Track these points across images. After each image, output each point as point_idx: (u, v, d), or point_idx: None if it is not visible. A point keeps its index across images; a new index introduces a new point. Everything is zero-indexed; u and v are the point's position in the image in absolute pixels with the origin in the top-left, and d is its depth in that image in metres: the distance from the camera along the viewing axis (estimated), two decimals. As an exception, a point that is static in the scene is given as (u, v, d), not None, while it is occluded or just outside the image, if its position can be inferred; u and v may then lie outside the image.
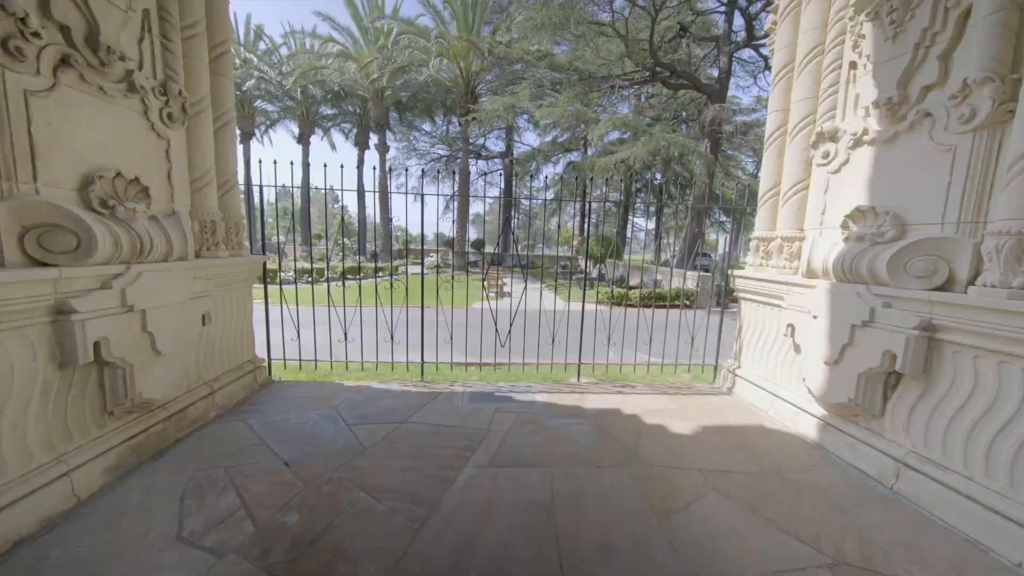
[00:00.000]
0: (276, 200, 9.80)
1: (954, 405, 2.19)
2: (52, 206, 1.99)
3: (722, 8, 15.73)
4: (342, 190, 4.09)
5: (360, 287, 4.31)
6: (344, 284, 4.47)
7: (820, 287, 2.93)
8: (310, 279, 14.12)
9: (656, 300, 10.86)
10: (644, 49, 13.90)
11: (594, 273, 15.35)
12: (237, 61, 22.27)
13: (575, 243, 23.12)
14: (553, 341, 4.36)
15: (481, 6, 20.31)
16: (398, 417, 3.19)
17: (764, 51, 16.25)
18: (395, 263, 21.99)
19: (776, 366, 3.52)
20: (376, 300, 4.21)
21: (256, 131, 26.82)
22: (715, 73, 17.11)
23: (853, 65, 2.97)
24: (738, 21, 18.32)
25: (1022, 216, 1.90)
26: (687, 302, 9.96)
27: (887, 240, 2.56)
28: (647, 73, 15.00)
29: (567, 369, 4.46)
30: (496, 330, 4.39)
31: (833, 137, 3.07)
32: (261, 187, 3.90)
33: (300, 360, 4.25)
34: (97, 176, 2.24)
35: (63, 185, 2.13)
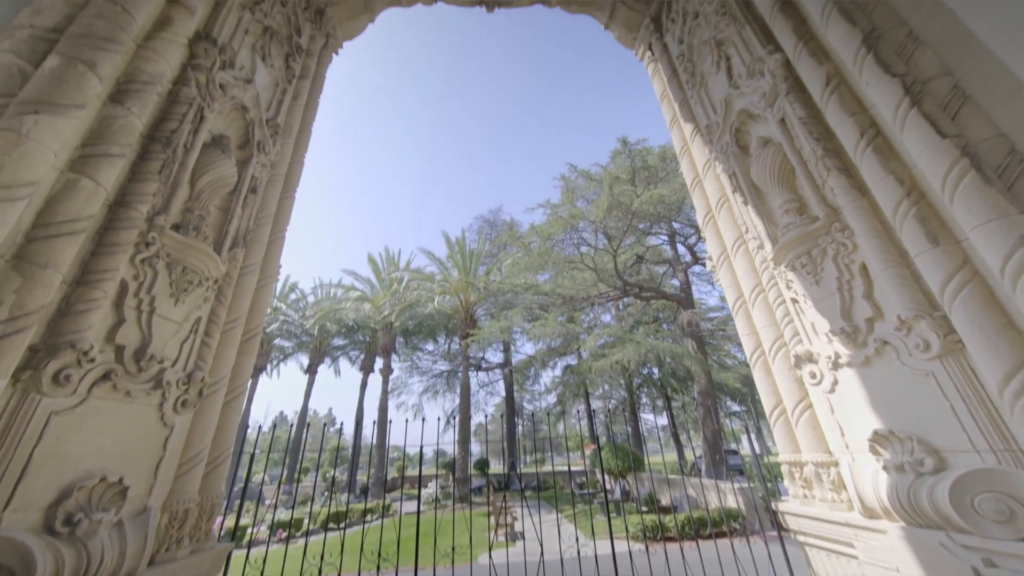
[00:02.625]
0: (273, 430, 9.42)
1: None
2: (3, 539, 1.79)
3: (666, 242, 20.03)
4: (340, 430, 3.93)
5: (343, 538, 3.53)
6: (325, 536, 3.67)
7: (892, 534, 2.45)
8: (285, 535, 11.89)
9: (698, 526, 9.04)
10: (613, 275, 16.80)
11: (616, 492, 13.35)
12: (267, 310, 25.97)
13: (588, 450, 21.17)
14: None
15: (477, 255, 25.65)
16: None
17: (710, 266, 19.71)
18: (388, 497, 19.20)
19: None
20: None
21: (268, 365, 28.52)
22: (677, 283, 20.16)
23: (794, 301, 3.48)
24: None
25: (1057, 448, 1.80)
26: (736, 526, 8.26)
27: (930, 471, 2.33)
28: (619, 291, 17.58)
29: None
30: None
31: (811, 359, 3.27)
32: (253, 455, 3.74)
33: None
34: (77, 488, 2.13)
35: (33, 506, 1.99)
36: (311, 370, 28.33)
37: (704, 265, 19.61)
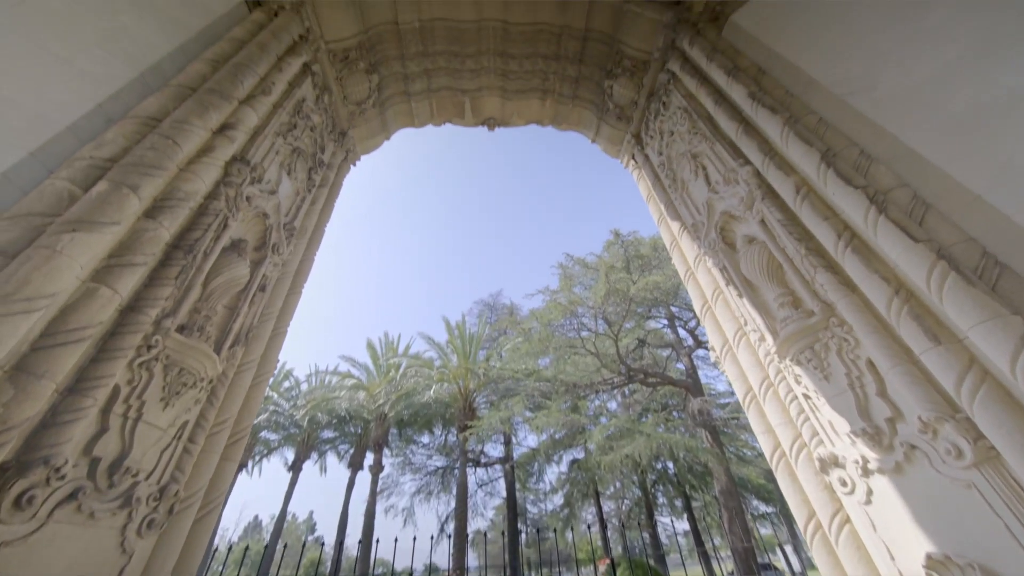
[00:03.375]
0: (245, 552, 8.22)
1: None
2: None
3: (666, 326, 20.07)
4: (321, 543, 3.42)
5: None
6: None
7: None
8: None
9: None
10: (615, 360, 16.49)
11: (639, 624, 11.18)
12: (259, 408, 24.89)
13: (601, 566, 18.37)
14: None
15: (477, 340, 25.46)
16: None
17: (714, 349, 19.40)
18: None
19: None
20: None
21: (250, 461, 26.27)
22: (682, 367, 19.64)
23: (807, 396, 3.35)
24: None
25: None
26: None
27: (1006, 610, 1.99)
28: (624, 377, 17.06)
29: None
30: None
31: (837, 462, 3.02)
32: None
33: None
34: (2, 645, 1.80)
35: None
36: (296, 467, 26.05)
37: (706, 348, 19.37)
